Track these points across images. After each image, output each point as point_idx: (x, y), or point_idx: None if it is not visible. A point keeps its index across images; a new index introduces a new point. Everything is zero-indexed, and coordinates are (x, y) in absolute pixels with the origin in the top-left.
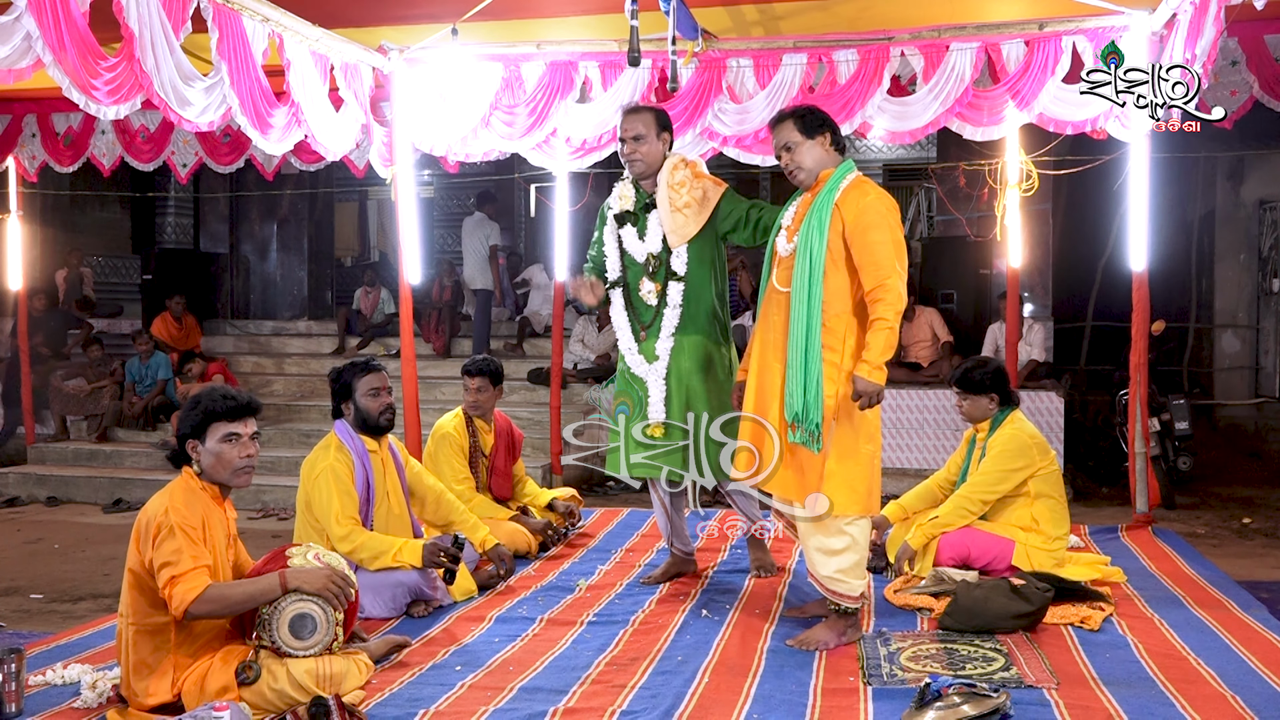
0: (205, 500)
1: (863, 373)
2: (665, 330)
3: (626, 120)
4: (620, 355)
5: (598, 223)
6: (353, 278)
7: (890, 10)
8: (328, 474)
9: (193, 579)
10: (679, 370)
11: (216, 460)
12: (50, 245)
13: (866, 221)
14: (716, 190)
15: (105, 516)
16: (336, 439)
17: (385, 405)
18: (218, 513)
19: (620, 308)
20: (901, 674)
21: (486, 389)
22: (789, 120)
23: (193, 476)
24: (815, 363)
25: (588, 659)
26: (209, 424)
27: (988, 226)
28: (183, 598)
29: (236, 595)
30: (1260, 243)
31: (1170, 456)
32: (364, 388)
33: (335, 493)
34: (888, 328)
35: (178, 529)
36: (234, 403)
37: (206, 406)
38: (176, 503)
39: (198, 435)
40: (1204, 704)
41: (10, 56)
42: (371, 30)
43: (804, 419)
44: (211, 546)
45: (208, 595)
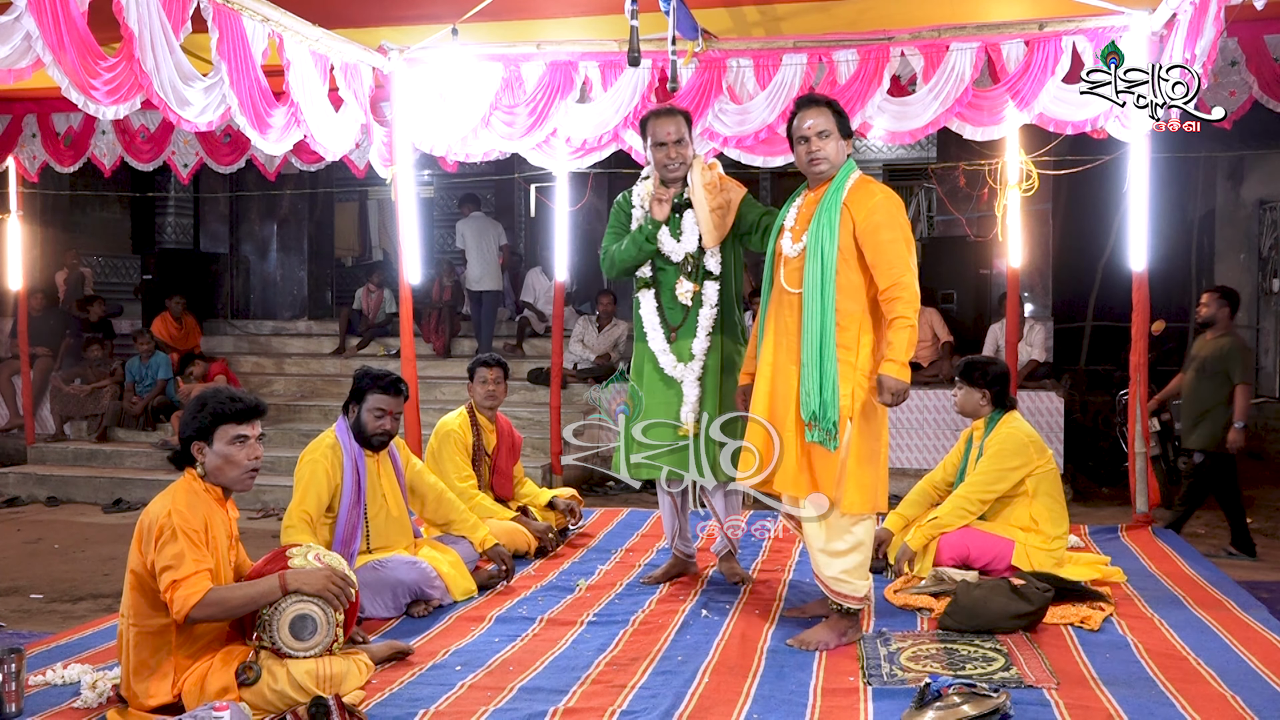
0: (208, 502)
1: (890, 371)
2: (702, 330)
3: (664, 123)
4: (642, 356)
5: (613, 216)
6: (353, 278)
7: (890, 10)
8: (307, 466)
9: (194, 583)
10: (714, 369)
11: (224, 462)
12: (50, 245)
13: (877, 221)
14: (738, 193)
15: (105, 516)
16: (333, 436)
17: (383, 430)
18: (220, 514)
19: (652, 309)
20: (901, 674)
21: (502, 380)
22: (827, 109)
23: (195, 478)
24: (830, 362)
25: (588, 659)
26: (217, 426)
27: (988, 226)
28: (184, 602)
29: (237, 598)
30: (1260, 243)
31: (1170, 456)
32: (372, 403)
33: (309, 488)
34: (909, 325)
35: (180, 532)
36: (242, 405)
37: (214, 409)
38: (179, 505)
39: (204, 437)
40: (1204, 704)
41: (10, 56)
42: (371, 30)
43: (820, 418)
44: (214, 549)
45: (209, 599)
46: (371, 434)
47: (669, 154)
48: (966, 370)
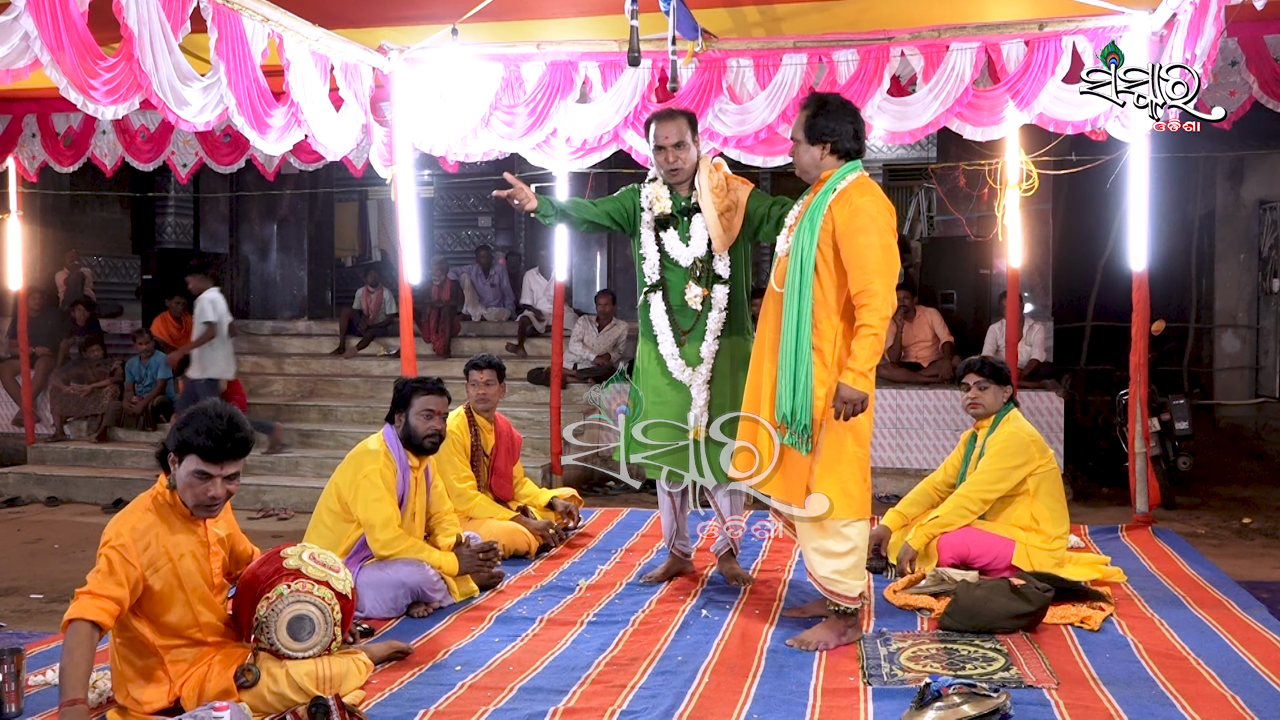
0: (171, 519)
1: (847, 380)
2: (710, 333)
3: (665, 126)
4: (646, 358)
5: (620, 193)
6: (353, 278)
7: (890, 10)
8: (376, 476)
9: (87, 605)
10: (721, 373)
11: (184, 487)
12: (50, 245)
13: (857, 224)
14: (744, 190)
15: (105, 517)
16: (385, 446)
17: (435, 430)
18: (185, 532)
19: (661, 312)
20: (901, 674)
21: (494, 382)
22: (805, 112)
23: (164, 489)
24: (805, 364)
25: (588, 659)
26: (189, 453)
27: (988, 226)
28: (69, 613)
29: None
30: (1260, 243)
31: (1170, 456)
32: (420, 406)
33: (387, 498)
34: (873, 334)
35: (107, 552)
36: (213, 445)
37: (188, 437)
38: (124, 527)
39: (177, 452)
40: (1204, 704)
41: (8, 56)
42: (371, 30)
43: (793, 421)
44: (175, 574)
45: (72, 629)
46: (424, 436)
47: (668, 157)
48: (994, 372)
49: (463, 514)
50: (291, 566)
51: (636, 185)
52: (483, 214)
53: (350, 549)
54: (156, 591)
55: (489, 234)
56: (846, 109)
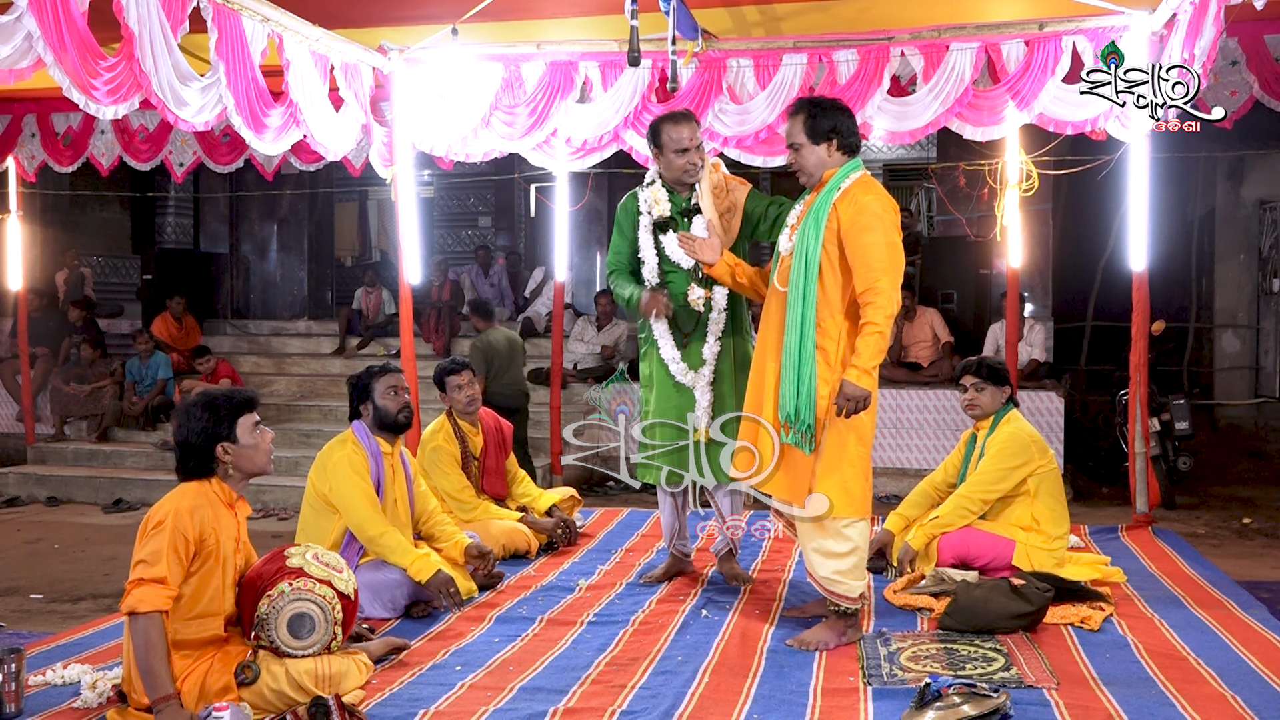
0: (218, 506)
1: (850, 377)
2: (711, 335)
3: (688, 128)
4: (651, 362)
5: (617, 226)
6: (353, 278)
7: (890, 10)
8: (344, 462)
9: (153, 595)
10: (727, 374)
11: (255, 450)
12: (50, 245)
13: (862, 223)
14: (742, 190)
15: (105, 516)
16: (353, 435)
17: (404, 403)
18: (227, 517)
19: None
20: (901, 674)
21: (474, 380)
22: (799, 117)
23: (206, 481)
24: (809, 363)
25: (588, 659)
26: (236, 419)
27: (988, 226)
28: (134, 604)
29: (148, 658)
30: (1260, 243)
31: (1170, 456)
32: (382, 387)
33: (357, 485)
34: (877, 332)
35: (171, 533)
36: (247, 394)
37: (228, 406)
38: (184, 506)
39: (227, 436)
40: (1204, 704)
41: (11, 56)
42: (371, 30)
43: (796, 420)
44: (215, 556)
45: (146, 624)
46: (396, 412)
47: (692, 159)
48: (991, 373)
49: (465, 523)
50: (294, 565)
51: (630, 196)
52: (483, 214)
53: (338, 542)
54: (200, 568)
55: (489, 234)
56: (839, 105)
